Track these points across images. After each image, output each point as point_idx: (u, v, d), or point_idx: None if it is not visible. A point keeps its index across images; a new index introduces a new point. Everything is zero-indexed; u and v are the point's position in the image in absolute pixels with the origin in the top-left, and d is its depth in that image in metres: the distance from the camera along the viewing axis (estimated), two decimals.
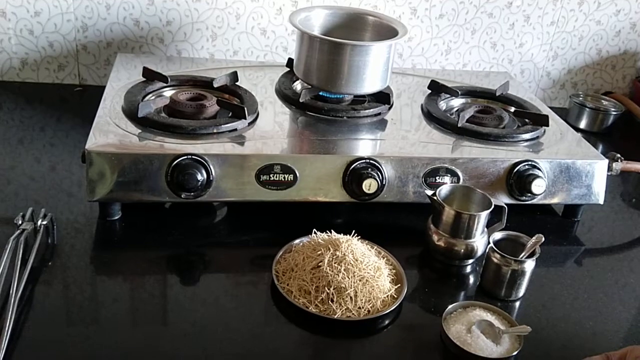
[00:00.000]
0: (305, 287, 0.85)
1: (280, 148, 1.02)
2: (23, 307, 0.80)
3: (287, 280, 0.88)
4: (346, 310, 0.83)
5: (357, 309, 0.84)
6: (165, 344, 0.78)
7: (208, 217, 1.04)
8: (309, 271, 0.86)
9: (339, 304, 0.83)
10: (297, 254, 0.91)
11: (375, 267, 0.89)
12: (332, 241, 0.90)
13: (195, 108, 1.07)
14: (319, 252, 0.88)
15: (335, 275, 0.84)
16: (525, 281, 0.92)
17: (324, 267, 0.85)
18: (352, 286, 0.84)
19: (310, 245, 0.92)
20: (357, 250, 0.89)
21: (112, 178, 0.94)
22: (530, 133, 1.16)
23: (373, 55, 1.13)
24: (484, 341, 0.81)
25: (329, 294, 0.84)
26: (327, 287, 0.84)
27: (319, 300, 0.84)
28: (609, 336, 0.89)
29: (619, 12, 1.57)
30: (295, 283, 0.86)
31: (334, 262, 0.86)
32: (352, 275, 0.85)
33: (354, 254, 0.88)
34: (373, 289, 0.85)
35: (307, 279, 0.86)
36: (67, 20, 1.34)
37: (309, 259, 0.88)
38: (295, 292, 0.85)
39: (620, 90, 1.69)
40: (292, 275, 0.88)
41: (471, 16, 1.50)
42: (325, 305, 0.84)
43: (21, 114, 1.27)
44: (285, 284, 0.87)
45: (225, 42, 1.43)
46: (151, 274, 0.90)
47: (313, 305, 0.84)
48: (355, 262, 0.87)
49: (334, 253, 0.87)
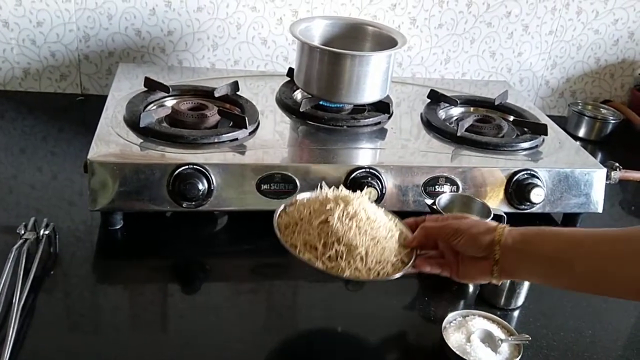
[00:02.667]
0: (311, 242, 0.78)
1: (281, 157, 1.03)
2: (25, 315, 0.80)
3: (290, 234, 0.80)
4: (355, 269, 0.77)
5: (367, 270, 0.77)
6: (165, 352, 0.78)
7: (209, 226, 1.05)
8: (317, 226, 0.79)
9: (348, 262, 0.77)
10: (303, 207, 0.83)
11: (387, 228, 0.82)
12: (343, 197, 0.82)
13: (197, 118, 1.08)
14: (328, 207, 0.80)
15: (346, 232, 0.77)
16: (524, 290, 0.93)
17: (334, 221, 0.78)
18: (363, 245, 0.77)
19: (318, 199, 0.84)
20: (370, 208, 0.82)
21: (113, 187, 0.94)
22: (529, 142, 1.17)
23: (373, 65, 1.13)
24: (484, 350, 0.82)
25: (338, 250, 0.77)
26: (337, 243, 0.77)
27: (327, 257, 0.77)
28: (608, 345, 0.89)
29: (617, 21, 1.58)
30: (300, 237, 0.79)
31: (345, 217, 0.79)
32: (364, 234, 0.78)
33: (367, 212, 0.80)
34: (385, 250, 0.79)
35: (314, 233, 0.78)
36: (69, 30, 1.35)
37: (316, 212, 0.81)
38: (301, 247, 0.78)
39: (619, 99, 1.70)
40: (297, 230, 0.80)
41: (470, 25, 1.52)
42: (333, 263, 0.77)
43: (23, 123, 1.28)
44: (288, 238, 0.80)
45: (226, 51, 1.44)
46: (152, 283, 0.91)
47: (320, 261, 0.77)
48: (367, 220, 0.80)
49: (345, 208, 0.79)
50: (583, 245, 0.71)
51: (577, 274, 0.70)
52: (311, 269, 0.77)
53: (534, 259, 0.73)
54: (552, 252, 0.72)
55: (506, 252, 0.74)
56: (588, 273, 0.70)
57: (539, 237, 0.74)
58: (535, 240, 0.74)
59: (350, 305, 0.91)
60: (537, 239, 0.74)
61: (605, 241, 0.70)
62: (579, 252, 0.70)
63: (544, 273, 0.74)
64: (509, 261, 0.74)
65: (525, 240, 0.74)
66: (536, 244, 0.74)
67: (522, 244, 0.74)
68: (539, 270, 0.74)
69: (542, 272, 0.74)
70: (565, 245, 0.72)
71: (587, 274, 0.70)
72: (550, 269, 0.72)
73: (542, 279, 0.76)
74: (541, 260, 0.73)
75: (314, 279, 0.95)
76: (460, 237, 0.77)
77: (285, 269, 0.97)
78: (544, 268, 0.73)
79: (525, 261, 0.74)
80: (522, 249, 0.74)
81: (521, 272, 0.77)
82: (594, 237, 0.71)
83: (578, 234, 0.73)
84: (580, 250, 0.70)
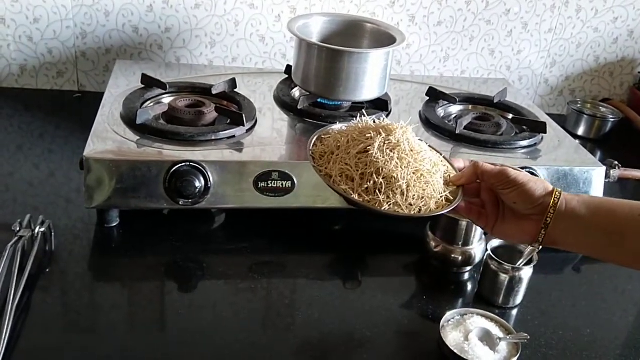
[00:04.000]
0: (348, 173, 0.73)
1: (279, 155, 1.02)
2: (20, 314, 0.79)
3: (325, 164, 0.75)
4: (394, 204, 0.72)
5: (408, 205, 0.72)
6: (163, 351, 0.78)
7: (206, 224, 1.04)
8: (354, 155, 0.73)
9: (387, 196, 0.71)
10: (341, 135, 0.77)
11: (432, 162, 0.77)
12: (385, 126, 0.76)
13: (194, 115, 1.07)
14: (368, 136, 0.74)
15: (387, 163, 0.72)
16: (523, 288, 0.92)
17: (374, 151, 0.72)
18: (404, 178, 0.72)
19: (357, 128, 0.78)
20: (413, 140, 0.76)
21: (110, 185, 0.94)
22: (528, 140, 1.17)
23: (371, 62, 1.13)
24: (482, 349, 0.81)
25: (377, 182, 0.71)
26: (376, 174, 0.72)
27: (364, 189, 0.72)
28: (607, 343, 0.89)
29: (617, 19, 1.57)
30: (336, 167, 0.74)
31: (386, 147, 0.73)
32: (406, 166, 0.73)
33: (410, 143, 0.75)
34: (428, 186, 0.74)
35: (352, 163, 0.73)
36: (66, 27, 1.35)
37: (355, 142, 0.75)
38: (336, 177, 0.73)
39: (618, 97, 1.69)
40: (333, 159, 0.75)
41: (469, 23, 1.51)
42: (371, 196, 0.72)
43: (20, 120, 1.28)
44: (323, 168, 0.75)
45: (224, 48, 1.43)
46: (149, 281, 0.90)
47: (356, 194, 0.72)
48: (410, 152, 0.74)
49: (386, 138, 0.74)
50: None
51: (630, 250, 0.69)
52: (347, 201, 0.72)
53: (588, 230, 0.71)
54: (608, 224, 0.70)
55: (559, 218, 0.71)
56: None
57: (597, 209, 0.71)
58: (593, 211, 0.71)
59: (348, 304, 0.90)
60: (595, 210, 0.71)
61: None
62: (636, 227, 0.68)
63: (594, 246, 0.72)
64: (560, 228, 0.72)
65: (581, 210, 0.71)
66: (593, 216, 0.71)
67: (578, 213, 0.71)
68: (590, 242, 0.72)
69: (592, 244, 0.72)
70: (622, 219, 0.69)
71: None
72: (602, 242, 0.70)
73: (591, 251, 0.74)
74: (595, 232, 0.71)
75: (313, 277, 0.94)
76: (516, 188, 0.72)
77: (283, 267, 0.96)
78: (595, 240, 0.71)
79: (577, 231, 0.72)
80: (577, 217, 0.71)
81: (570, 241, 0.73)
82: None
83: (636, 208, 0.70)
84: (636, 225, 0.68)
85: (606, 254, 0.73)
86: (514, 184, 0.73)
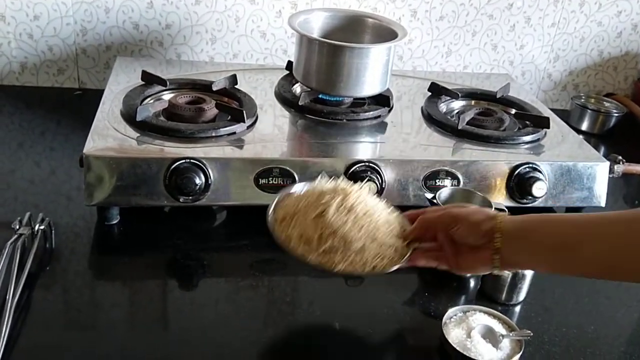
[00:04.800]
0: (307, 235, 0.77)
1: (280, 151, 1.01)
2: (20, 312, 0.79)
3: (286, 227, 0.79)
4: (350, 263, 0.75)
5: (362, 264, 0.76)
6: (163, 349, 0.77)
7: (207, 221, 1.04)
8: (313, 219, 0.77)
9: (343, 257, 0.75)
10: (300, 199, 0.82)
11: (386, 221, 0.80)
12: (341, 188, 0.80)
13: (194, 111, 1.07)
14: (325, 199, 0.78)
15: (343, 225, 0.76)
16: (526, 285, 0.92)
17: (330, 214, 0.76)
18: (360, 239, 0.76)
19: (315, 191, 0.82)
20: (369, 201, 0.80)
21: (110, 182, 0.93)
22: (531, 135, 1.16)
23: (373, 57, 1.12)
24: (485, 346, 0.81)
25: (334, 244, 0.75)
26: (333, 236, 0.75)
27: (322, 250, 0.76)
28: (610, 340, 0.88)
29: (620, 13, 1.56)
30: (295, 230, 0.78)
31: (342, 210, 0.77)
32: (361, 227, 0.77)
33: (365, 205, 0.79)
34: (382, 244, 0.78)
35: (310, 226, 0.77)
36: (67, 24, 1.34)
37: (313, 205, 0.79)
38: (295, 240, 0.77)
39: (622, 92, 1.68)
40: (293, 223, 0.79)
41: (471, 18, 1.50)
42: (328, 257, 0.76)
43: (20, 117, 1.27)
44: (284, 231, 0.79)
45: (225, 45, 1.42)
46: (150, 279, 0.90)
47: (314, 255, 0.76)
48: (365, 214, 0.78)
49: (342, 200, 0.78)
50: (593, 227, 0.68)
51: (586, 259, 0.68)
52: (304, 263, 0.76)
53: (538, 245, 0.72)
54: (558, 236, 0.70)
55: (508, 240, 0.72)
56: (599, 256, 0.67)
57: (542, 223, 0.72)
58: (538, 226, 0.72)
59: (350, 301, 0.90)
60: (540, 224, 0.72)
61: (620, 222, 0.67)
62: (588, 235, 0.68)
63: (549, 260, 0.72)
64: (511, 249, 0.72)
65: (527, 228, 0.72)
66: (540, 230, 0.72)
67: (525, 231, 0.72)
68: (544, 257, 0.72)
69: (546, 258, 0.72)
70: (571, 229, 0.70)
71: (598, 257, 0.67)
72: (556, 254, 0.70)
73: (547, 266, 0.74)
74: (545, 246, 0.71)
75: (314, 274, 0.94)
76: (459, 225, 0.75)
77: (284, 265, 0.96)
78: (549, 254, 0.71)
79: (528, 248, 0.72)
80: (525, 236, 0.72)
81: (524, 260, 0.75)
82: (607, 218, 0.69)
83: (585, 217, 0.71)
84: (589, 232, 0.68)
85: (567, 267, 0.73)
86: (458, 221, 0.76)
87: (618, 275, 0.71)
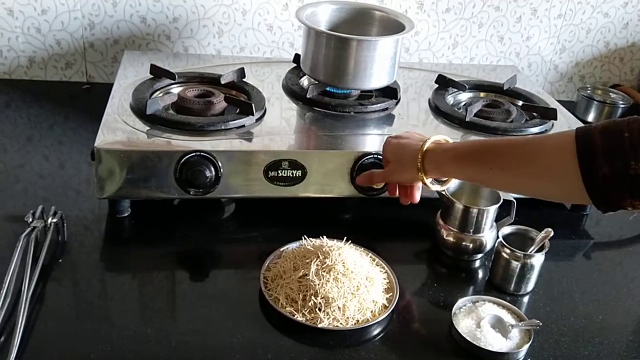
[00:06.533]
0: (292, 296, 0.84)
1: (288, 144, 1.02)
2: (35, 303, 0.80)
3: (275, 287, 0.86)
4: (334, 320, 0.81)
5: (346, 319, 0.82)
6: (174, 339, 0.78)
7: (216, 213, 1.04)
8: (297, 280, 0.84)
9: (327, 314, 0.82)
10: (286, 260, 0.89)
11: (367, 277, 0.86)
12: (322, 249, 0.87)
13: (203, 105, 1.07)
14: (307, 260, 0.86)
15: (322, 285, 0.83)
16: (534, 275, 0.92)
17: (311, 276, 0.84)
18: (341, 297, 0.82)
19: (300, 252, 0.90)
20: (348, 258, 0.86)
21: (121, 175, 0.94)
22: (538, 127, 1.16)
23: (380, 50, 1.12)
24: (494, 336, 0.81)
25: (316, 303, 0.82)
26: (314, 296, 0.82)
27: (306, 309, 0.82)
28: (618, 330, 0.89)
29: (627, 4, 1.56)
30: (282, 291, 0.84)
31: (322, 271, 0.84)
32: (341, 286, 0.83)
33: (345, 263, 0.85)
34: (364, 300, 0.84)
35: (295, 287, 0.84)
36: (74, 18, 1.35)
37: (296, 267, 0.87)
38: (283, 300, 0.83)
39: (628, 83, 1.68)
40: (280, 283, 0.86)
41: (478, 10, 1.50)
42: (313, 314, 0.82)
43: (29, 111, 1.28)
44: (273, 292, 0.85)
45: (232, 38, 1.43)
46: (160, 271, 0.91)
47: (300, 314, 0.82)
48: (345, 271, 0.85)
49: (322, 261, 0.85)
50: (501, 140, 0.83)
51: (504, 168, 0.76)
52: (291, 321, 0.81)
53: (450, 152, 0.82)
54: (481, 146, 0.81)
55: (429, 152, 0.83)
56: (510, 165, 0.75)
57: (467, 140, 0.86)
58: (454, 144, 0.84)
59: None
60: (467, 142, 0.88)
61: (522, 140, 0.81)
62: (507, 146, 0.78)
63: (473, 169, 0.80)
64: (430, 157, 0.83)
65: (444, 145, 0.84)
66: (465, 142, 0.89)
67: (442, 145, 0.84)
68: (468, 166, 0.81)
69: (470, 167, 0.81)
70: (493, 141, 0.82)
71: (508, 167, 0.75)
72: (478, 166, 0.79)
73: (472, 174, 0.82)
74: (468, 156, 0.81)
75: None
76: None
77: None
78: (472, 163, 0.80)
79: (444, 155, 0.82)
80: (442, 148, 0.83)
81: (449, 168, 0.83)
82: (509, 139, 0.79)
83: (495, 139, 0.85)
84: (497, 142, 0.81)
85: (487, 178, 0.80)
86: None
87: (524, 187, 0.78)
